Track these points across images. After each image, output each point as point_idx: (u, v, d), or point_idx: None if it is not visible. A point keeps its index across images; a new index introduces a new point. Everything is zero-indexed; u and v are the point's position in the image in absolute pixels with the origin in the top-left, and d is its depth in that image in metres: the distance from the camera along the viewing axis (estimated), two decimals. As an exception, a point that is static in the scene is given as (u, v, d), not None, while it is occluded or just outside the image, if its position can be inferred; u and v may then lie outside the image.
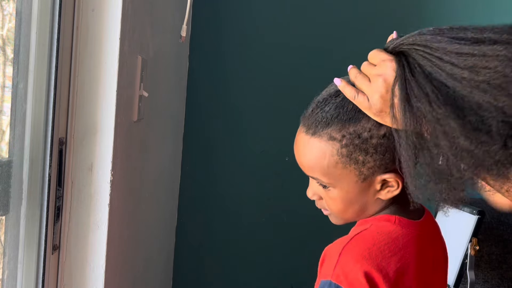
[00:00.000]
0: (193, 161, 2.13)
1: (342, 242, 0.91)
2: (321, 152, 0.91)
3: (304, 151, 0.93)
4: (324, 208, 0.99)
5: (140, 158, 1.50)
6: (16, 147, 1.09)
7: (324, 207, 0.98)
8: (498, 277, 1.67)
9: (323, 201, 0.97)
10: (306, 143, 0.93)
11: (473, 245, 1.47)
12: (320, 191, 0.96)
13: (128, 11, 1.24)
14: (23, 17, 1.08)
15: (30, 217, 1.12)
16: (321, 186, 0.95)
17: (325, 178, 0.92)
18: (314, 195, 0.98)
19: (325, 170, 0.91)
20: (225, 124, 2.13)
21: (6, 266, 1.10)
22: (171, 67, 1.87)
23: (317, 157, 0.91)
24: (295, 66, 2.09)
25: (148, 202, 1.66)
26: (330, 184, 0.93)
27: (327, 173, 0.91)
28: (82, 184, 1.21)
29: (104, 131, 1.20)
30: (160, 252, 1.95)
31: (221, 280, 2.15)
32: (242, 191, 2.13)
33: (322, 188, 0.95)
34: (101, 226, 1.21)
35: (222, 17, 2.11)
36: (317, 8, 2.09)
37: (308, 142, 0.92)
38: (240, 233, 2.14)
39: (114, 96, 1.19)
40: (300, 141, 0.94)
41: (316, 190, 0.97)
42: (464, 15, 2.04)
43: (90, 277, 1.22)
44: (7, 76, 1.07)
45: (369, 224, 0.94)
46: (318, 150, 0.91)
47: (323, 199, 0.97)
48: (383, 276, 0.86)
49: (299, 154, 0.95)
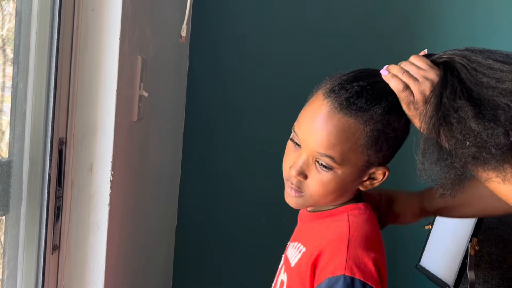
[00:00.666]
0: (193, 161, 2.13)
1: (342, 235, 0.91)
2: (351, 133, 0.89)
3: (331, 128, 0.90)
4: (300, 190, 0.96)
5: (140, 158, 1.50)
6: (16, 147, 1.09)
7: (302, 188, 0.95)
8: (498, 277, 1.67)
9: (305, 181, 0.95)
10: (335, 121, 0.89)
11: (473, 245, 1.47)
12: (311, 169, 0.94)
13: (128, 11, 1.24)
14: (23, 17, 1.08)
15: (30, 217, 1.12)
16: (320, 166, 0.92)
17: (339, 158, 0.90)
18: (301, 174, 0.94)
19: (345, 151, 0.90)
20: (225, 124, 2.13)
21: (6, 266, 1.10)
22: (171, 67, 1.87)
23: (346, 136, 0.89)
24: (295, 66, 2.09)
25: (148, 202, 1.66)
26: (338, 166, 0.91)
27: (345, 154, 0.90)
28: (82, 184, 1.21)
29: (104, 131, 1.20)
30: (160, 252, 1.95)
31: (221, 280, 2.15)
32: (242, 191, 2.13)
33: (316, 167, 0.93)
34: (101, 226, 1.21)
35: (222, 17, 2.11)
36: (317, 8, 2.09)
37: (339, 120, 0.89)
38: (240, 233, 2.14)
39: (114, 96, 1.19)
40: (325, 117, 0.90)
41: (306, 168, 0.94)
42: (465, 15, 2.04)
43: (90, 277, 1.22)
44: (7, 76, 1.07)
45: (345, 215, 0.96)
46: (349, 130, 0.89)
47: (308, 179, 0.94)
48: (383, 261, 0.90)
49: (321, 130, 0.91)
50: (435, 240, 1.61)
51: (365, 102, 0.89)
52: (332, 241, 0.91)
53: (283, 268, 1.06)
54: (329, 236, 0.93)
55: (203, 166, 2.14)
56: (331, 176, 0.93)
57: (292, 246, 1.04)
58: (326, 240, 0.92)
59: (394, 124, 0.91)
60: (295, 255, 1.00)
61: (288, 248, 1.06)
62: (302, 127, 0.94)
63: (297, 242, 1.02)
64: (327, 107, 0.90)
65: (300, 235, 1.04)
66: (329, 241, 0.92)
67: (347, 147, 0.90)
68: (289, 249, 1.05)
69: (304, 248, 0.98)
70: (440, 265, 1.56)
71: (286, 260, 1.04)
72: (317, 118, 0.91)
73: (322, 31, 2.07)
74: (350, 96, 0.89)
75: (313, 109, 0.93)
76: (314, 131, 0.91)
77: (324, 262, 0.90)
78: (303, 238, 1.02)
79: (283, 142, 2.29)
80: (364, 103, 0.89)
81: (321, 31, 2.07)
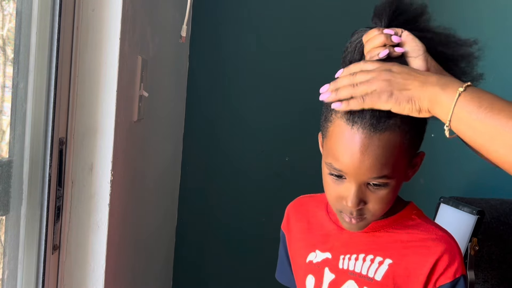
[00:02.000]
0: (193, 161, 2.13)
1: (448, 241, 0.96)
2: (395, 146, 0.88)
3: (376, 151, 0.87)
4: (362, 215, 0.93)
5: (140, 158, 1.50)
6: (16, 147, 1.09)
7: (363, 214, 0.93)
8: (498, 277, 1.67)
9: (366, 206, 0.93)
10: (377, 142, 0.87)
11: (473, 245, 1.47)
12: (367, 194, 0.91)
13: (128, 11, 1.24)
14: (23, 17, 1.08)
15: (30, 217, 1.12)
16: (373, 187, 0.90)
17: (392, 172, 0.89)
18: (361, 202, 0.92)
19: (395, 163, 0.89)
20: (225, 124, 2.13)
21: (6, 266, 1.10)
22: (171, 67, 1.87)
23: (391, 151, 0.88)
24: (295, 66, 2.09)
25: (148, 202, 1.66)
26: (391, 179, 0.90)
27: (395, 165, 0.89)
28: (82, 184, 1.21)
29: (104, 131, 1.20)
30: (160, 252, 1.95)
31: (221, 280, 2.15)
32: (242, 191, 2.13)
33: (370, 190, 0.91)
34: (101, 226, 1.21)
35: (222, 17, 2.11)
36: (317, 8, 2.09)
37: (379, 140, 0.87)
38: (240, 233, 2.14)
39: (114, 96, 1.19)
40: (365, 143, 0.87)
41: (362, 195, 0.91)
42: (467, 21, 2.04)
43: (90, 277, 1.22)
44: (7, 76, 1.07)
45: (420, 220, 1.00)
46: (391, 143, 0.88)
47: (368, 203, 0.92)
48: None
49: (367, 158, 0.87)
50: (435, 240, 1.61)
51: (386, 112, 0.87)
52: (446, 250, 0.95)
53: (350, 284, 1.00)
54: (433, 245, 0.96)
55: (203, 166, 2.14)
56: (388, 190, 0.92)
57: (352, 259, 0.99)
58: (438, 250, 0.95)
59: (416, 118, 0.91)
60: (372, 268, 0.97)
61: (342, 260, 1.01)
62: (343, 162, 0.89)
63: (362, 254, 0.99)
64: (361, 133, 0.87)
65: (362, 246, 0.99)
66: (442, 250, 0.95)
67: (395, 159, 0.89)
68: (345, 262, 1.00)
69: (389, 260, 0.96)
70: (440, 265, 1.56)
71: (351, 275, 0.99)
72: (357, 148, 0.88)
73: (322, 31, 2.07)
74: (373, 112, 0.87)
75: (346, 141, 0.89)
76: (361, 161, 0.88)
77: (442, 269, 0.94)
78: (373, 249, 0.98)
79: (283, 142, 2.30)
80: (385, 114, 0.87)
81: (321, 31, 2.07)
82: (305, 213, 1.10)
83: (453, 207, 1.59)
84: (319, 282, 1.02)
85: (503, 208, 1.74)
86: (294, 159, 2.11)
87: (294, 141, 2.07)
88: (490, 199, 1.78)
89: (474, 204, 1.62)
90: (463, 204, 1.57)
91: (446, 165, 2.04)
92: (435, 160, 2.01)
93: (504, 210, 1.73)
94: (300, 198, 1.15)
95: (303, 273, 1.06)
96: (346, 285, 0.99)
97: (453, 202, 1.61)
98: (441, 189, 1.94)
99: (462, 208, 1.55)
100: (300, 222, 1.10)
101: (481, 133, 0.79)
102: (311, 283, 1.04)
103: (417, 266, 0.95)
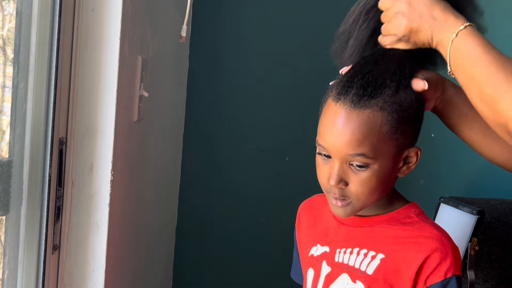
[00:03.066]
0: (193, 161, 2.13)
1: (440, 239, 0.95)
2: (373, 123, 0.90)
3: (353, 126, 0.90)
4: (345, 197, 0.95)
5: (140, 158, 1.50)
6: (16, 147, 1.09)
7: (346, 195, 0.95)
8: (498, 277, 1.67)
9: (347, 188, 0.94)
10: (355, 118, 0.90)
11: (473, 245, 1.47)
12: (349, 174, 0.93)
13: (128, 11, 1.24)
14: (23, 17, 1.08)
15: (30, 217, 1.12)
16: (354, 167, 0.92)
17: (371, 152, 0.91)
18: (341, 181, 0.94)
19: (374, 143, 0.91)
20: (225, 124, 2.13)
21: (6, 266, 1.10)
22: (171, 67, 1.87)
23: (370, 128, 0.90)
24: (295, 66, 2.09)
25: (148, 202, 1.66)
26: (372, 160, 0.91)
27: (375, 146, 0.91)
28: (82, 184, 1.21)
29: (104, 131, 1.20)
30: (160, 252, 1.95)
31: (221, 280, 2.15)
32: (242, 191, 2.13)
33: (352, 170, 0.93)
34: (101, 226, 1.21)
35: (222, 17, 2.11)
36: (318, 9, 2.09)
37: (358, 116, 0.90)
38: (240, 233, 2.14)
39: (114, 96, 1.19)
40: (344, 118, 0.91)
41: (344, 175, 0.93)
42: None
43: (90, 277, 1.22)
44: (7, 76, 1.07)
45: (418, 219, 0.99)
46: (369, 121, 0.90)
47: (349, 184, 0.94)
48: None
49: (345, 132, 0.91)
50: (435, 240, 1.61)
51: (373, 89, 0.91)
52: (437, 248, 0.94)
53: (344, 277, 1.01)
54: (425, 242, 0.95)
55: (203, 166, 2.13)
56: (370, 172, 0.93)
57: (347, 252, 1.01)
58: (429, 247, 0.94)
59: (408, 99, 0.92)
60: (365, 261, 0.98)
61: (338, 254, 1.02)
62: (325, 137, 0.94)
63: (357, 248, 1.00)
64: (342, 110, 0.91)
65: (358, 240, 1.01)
66: (433, 248, 0.94)
67: (374, 139, 0.91)
68: (341, 255, 1.02)
69: (382, 255, 0.97)
70: (440, 265, 1.56)
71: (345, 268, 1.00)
72: (337, 123, 0.92)
73: (323, 30, 2.07)
74: (357, 91, 0.91)
75: (329, 116, 0.93)
76: (338, 136, 0.92)
77: (432, 267, 0.93)
78: (367, 243, 0.99)
79: (283, 142, 2.30)
80: (372, 91, 0.91)
81: (321, 31, 2.07)
82: (313, 210, 1.12)
83: (453, 207, 1.59)
84: (317, 275, 1.05)
85: (503, 208, 1.74)
86: (294, 159, 2.11)
87: (294, 141, 2.07)
88: (490, 199, 1.78)
89: (474, 204, 1.62)
90: (463, 204, 1.57)
91: (446, 165, 2.04)
92: (435, 160, 2.01)
93: (504, 210, 1.73)
94: (313, 196, 1.16)
95: (306, 267, 1.08)
96: (340, 278, 1.01)
97: (453, 202, 1.61)
98: (441, 189, 1.94)
99: (462, 208, 1.55)
100: (308, 219, 1.13)
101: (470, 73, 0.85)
102: (311, 276, 1.06)
103: (407, 262, 0.95)
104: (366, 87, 0.91)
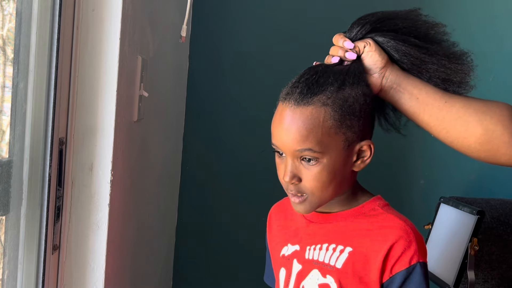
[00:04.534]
0: (193, 161, 2.13)
1: (404, 228, 0.96)
2: (316, 118, 0.94)
3: (298, 122, 0.95)
4: (301, 193, 0.98)
5: (140, 158, 1.50)
6: (16, 147, 1.09)
7: (301, 191, 0.98)
8: (498, 277, 1.67)
9: (301, 184, 0.97)
10: (298, 114, 0.95)
11: (473, 245, 1.47)
12: (301, 170, 0.97)
13: (128, 11, 1.24)
14: (23, 17, 1.08)
15: (30, 217, 1.12)
16: (305, 162, 0.96)
17: (317, 147, 0.94)
18: (295, 177, 0.97)
19: (319, 138, 0.94)
20: (225, 124, 2.13)
21: (6, 266, 1.10)
22: (171, 67, 1.87)
23: (313, 123, 0.94)
24: (295, 66, 2.08)
25: (148, 202, 1.66)
26: (320, 155, 0.95)
27: (320, 140, 0.94)
28: (82, 184, 1.21)
29: (104, 131, 1.20)
30: (160, 252, 1.95)
31: (221, 280, 2.15)
32: (242, 191, 2.13)
33: (304, 166, 0.96)
34: (101, 226, 1.21)
35: (222, 17, 2.11)
36: (318, 8, 2.09)
37: (301, 112, 0.95)
38: (240, 233, 2.14)
39: (114, 96, 1.19)
40: (289, 116, 0.96)
41: (297, 171, 0.97)
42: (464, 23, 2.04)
43: (90, 277, 1.22)
44: (7, 76, 1.07)
45: (382, 210, 1.01)
46: (313, 116, 0.94)
47: (302, 180, 0.97)
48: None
49: (290, 129, 0.96)
50: (434, 240, 1.61)
51: (316, 87, 0.95)
52: (401, 236, 0.96)
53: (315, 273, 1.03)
54: (389, 232, 0.97)
55: (203, 166, 2.13)
56: (320, 167, 0.96)
57: (317, 249, 1.02)
58: (393, 236, 0.96)
59: (353, 95, 0.95)
60: (334, 256, 1.00)
61: (308, 251, 1.04)
62: (275, 136, 0.99)
63: (326, 244, 1.02)
64: (287, 108, 0.96)
65: (326, 236, 1.03)
66: (397, 236, 0.96)
67: (319, 133, 0.94)
68: (311, 252, 1.03)
69: (349, 248, 0.99)
70: (440, 265, 1.56)
71: (315, 264, 1.02)
72: (283, 121, 0.97)
73: (322, 30, 2.07)
74: (302, 89, 0.96)
75: (277, 116, 0.99)
76: (286, 133, 0.96)
77: (397, 255, 0.95)
78: (335, 238, 1.01)
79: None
80: (315, 88, 0.95)
81: (321, 31, 2.07)
82: (284, 212, 1.16)
83: (453, 207, 1.59)
84: (289, 274, 1.07)
85: (503, 208, 1.74)
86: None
87: (294, 141, 2.07)
88: (490, 199, 1.78)
89: (474, 204, 1.63)
90: (463, 204, 1.57)
91: (446, 165, 2.04)
92: (435, 160, 2.01)
93: (504, 210, 1.73)
94: (284, 199, 1.19)
95: (278, 267, 1.11)
96: (311, 274, 1.03)
97: (453, 202, 1.61)
98: (441, 189, 1.94)
99: (462, 208, 1.55)
100: (279, 221, 1.16)
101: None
102: (283, 275, 1.08)
103: (373, 252, 0.97)
104: (310, 85, 0.96)
